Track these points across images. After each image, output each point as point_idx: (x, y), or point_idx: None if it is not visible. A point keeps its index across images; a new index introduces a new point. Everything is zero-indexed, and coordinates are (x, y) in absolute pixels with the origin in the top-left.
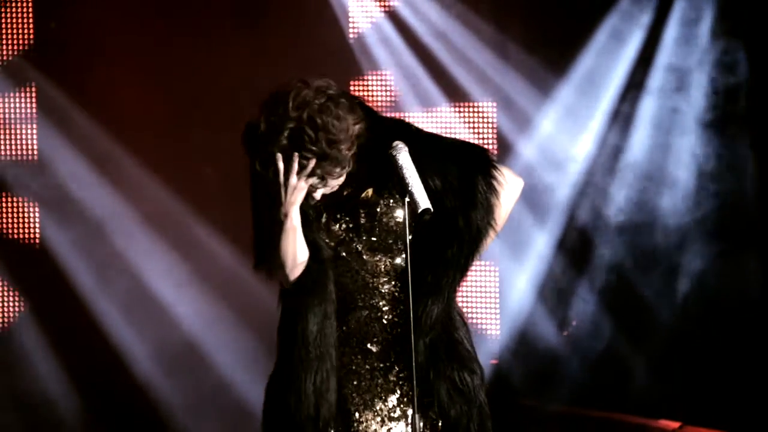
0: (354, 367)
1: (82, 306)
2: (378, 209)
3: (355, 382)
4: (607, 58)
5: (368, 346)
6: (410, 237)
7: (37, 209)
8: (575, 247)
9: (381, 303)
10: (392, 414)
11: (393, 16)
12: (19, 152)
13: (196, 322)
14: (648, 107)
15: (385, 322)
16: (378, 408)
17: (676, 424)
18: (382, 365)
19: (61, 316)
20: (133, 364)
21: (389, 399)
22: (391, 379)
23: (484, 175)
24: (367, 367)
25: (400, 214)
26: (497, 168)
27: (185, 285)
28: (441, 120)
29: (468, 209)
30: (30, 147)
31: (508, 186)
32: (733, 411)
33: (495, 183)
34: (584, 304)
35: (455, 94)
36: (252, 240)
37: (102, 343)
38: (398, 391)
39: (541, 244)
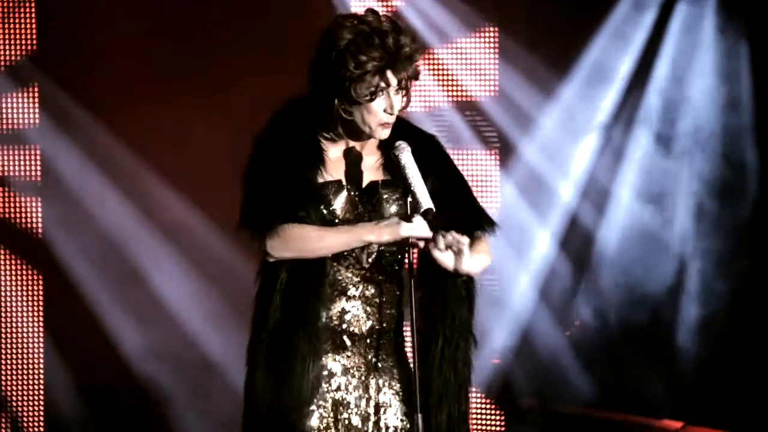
0: (340, 357)
1: (87, 311)
2: (386, 201)
3: (348, 375)
4: (610, 57)
5: (355, 332)
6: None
7: (40, 212)
8: (577, 246)
9: (372, 293)
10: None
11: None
12: (22, 156)
13: (202, 324)
14: (651, 105)
15: (375, 312)
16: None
17: (678, 424)
18: (368, 357)
19: (65, 319)
20: (139, 367)
21: (373, 390)
22: (374, 369)
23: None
24: (355, 359)
25: (394, 209)
26: (489, 234)
27: (193, 288)
28: (442, 119)
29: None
30: (33, 151)
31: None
32: (736, 411)
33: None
34: (586, 303)
35: (456, 93)
36: (249, 199)
37: (107, 346)
38: (379, 378)
39: (543, 244)
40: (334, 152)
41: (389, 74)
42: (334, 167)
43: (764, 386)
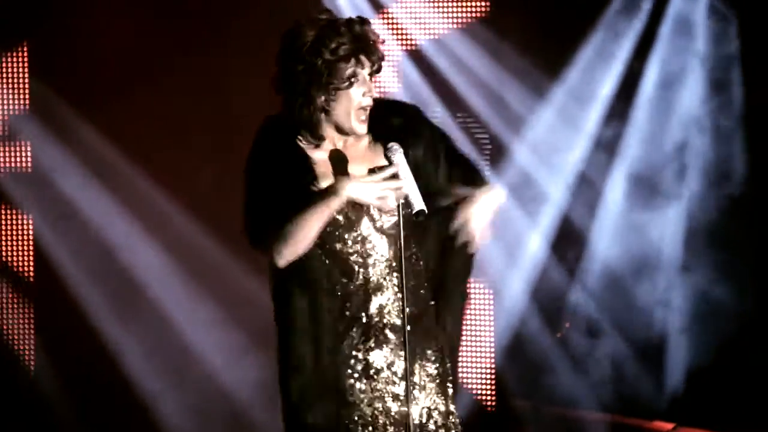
0: (383, 351)
1: (82, 315)
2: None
3: (393, 367)
4: (602, 57)
5: (396, 324)
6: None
7: (31, 218)
8: (569, 248)
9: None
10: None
11: (387, 18)
12: (14, 163)
13: (198, 330)
14: (642, 107)
15: (410, 298)
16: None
17: (669, 426)
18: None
19: (60, 324)
20: (134, 372)
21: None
22: (413, 354)
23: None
24: (397, 350)
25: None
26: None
27: (191, 294)
28: (433, 120)
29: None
30: (24, 157)
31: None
32: (727, 412)
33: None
34: (578, 305)
35: (448, 96)
36: (252, 211)
37: (103, 351)
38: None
39: (534, 246)
40: (320, 155)
41: (363, 58)
42: (322, 170)
43: (757, 387)
